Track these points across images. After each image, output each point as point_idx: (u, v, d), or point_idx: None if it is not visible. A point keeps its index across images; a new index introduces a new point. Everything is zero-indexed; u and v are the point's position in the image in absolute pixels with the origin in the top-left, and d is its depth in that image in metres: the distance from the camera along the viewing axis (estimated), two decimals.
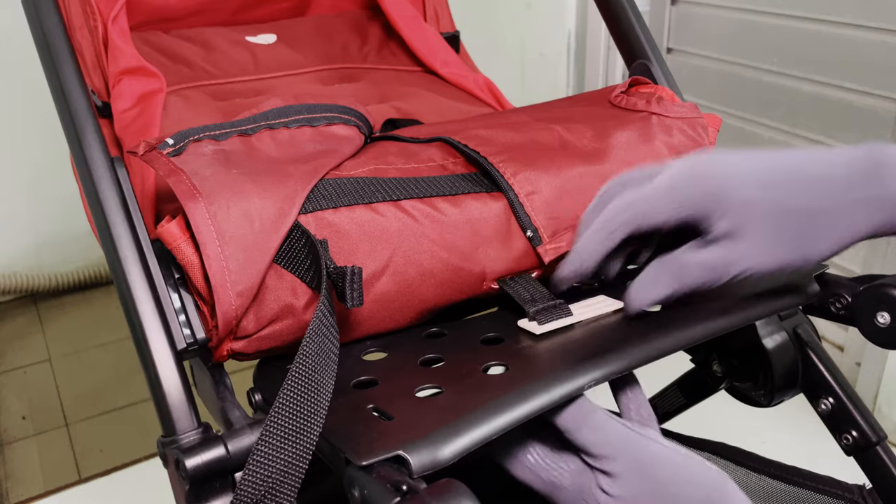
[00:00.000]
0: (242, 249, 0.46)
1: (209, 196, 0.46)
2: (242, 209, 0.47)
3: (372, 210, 0.51)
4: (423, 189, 0.53)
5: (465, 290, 0.55)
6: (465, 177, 0.55)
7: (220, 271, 0.46)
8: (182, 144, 0.50)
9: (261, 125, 0.54)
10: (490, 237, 0.54)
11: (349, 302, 0.46)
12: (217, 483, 0.44)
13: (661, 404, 0.83)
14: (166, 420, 0.47)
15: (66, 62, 0.54)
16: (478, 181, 0.55)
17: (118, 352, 1.65)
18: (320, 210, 0.50)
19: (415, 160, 0.56)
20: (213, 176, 0.48)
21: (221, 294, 0.46)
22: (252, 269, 0.47)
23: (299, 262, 0.48)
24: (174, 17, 0.85)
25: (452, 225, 0.53)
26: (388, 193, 0.52)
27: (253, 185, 0.48)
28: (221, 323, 0.47)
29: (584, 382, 0.46)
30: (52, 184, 1.78)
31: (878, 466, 0.64)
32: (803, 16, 1.39)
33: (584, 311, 0.54)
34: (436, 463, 0.40)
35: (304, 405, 0.41)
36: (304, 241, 0.48)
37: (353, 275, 0.46)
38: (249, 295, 0.47)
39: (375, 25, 0.93)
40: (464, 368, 0.49)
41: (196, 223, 0.46)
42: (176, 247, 0.47)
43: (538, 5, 2.02)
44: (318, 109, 0.57)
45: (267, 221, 0.47)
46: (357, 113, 0.59)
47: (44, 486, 1.29)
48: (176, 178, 0.47)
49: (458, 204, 0.54)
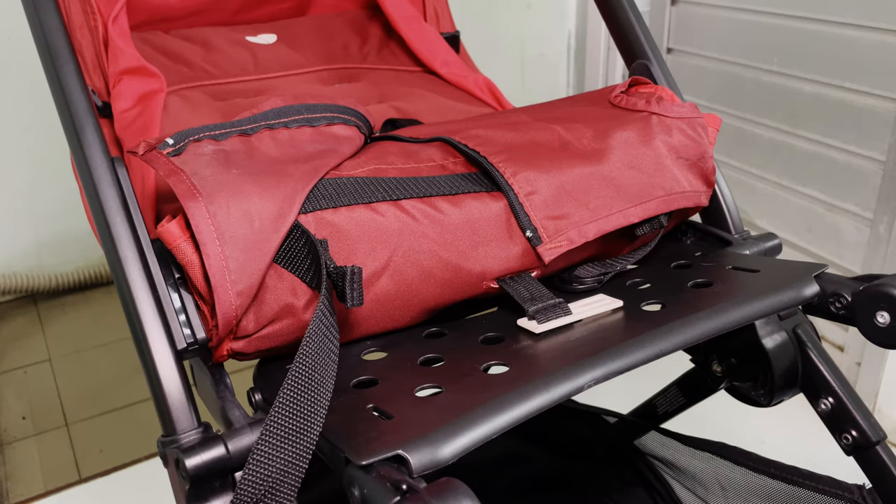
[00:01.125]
0: (242, 249, 0.46)
1: (209, 196, 0.46)
2: (242, 209, 0.47)
3: (372, 210, 0.51)
4: (422, 189, 0.53)
5: (465, 289, 0.55)
6: (464, 176, 0.55)
7: (220, 271, 0.46)
8: (182, 144, 0.50)
9: (261, 125, 0.54)
10: (489, 237, 0.54)
11: (349, 301, 0.46)
12: (217, 482, 0.44)
13: (662, 404, 0.83)
14: (166, 420, 0.47)
15: (67, 62, 0.54)
16: (478, 181, 0.55)
17: (118, 352, 1.65)
18: (320, 210, 0.50)
19: (414, 160, 0.56)
20: (212, 176, 0.48)
21: (221, 293, 0.46)
22: (252, 268, 0.47)
23: (299, 261, 0.48)
24: (174, 17, 0.85)
25: (452, 225, 0.53)
26: (388, 193, 0.52)
27: (253, 185, 0.48)
28: (221, 322, 0.47)
29: (584, 382, 0.46)
30: (52, 184, 1.78)
31: (878, 466, 0.64)
32: (803, 16, 1.39)
33: (583, 309, 0.54)
34: (435, 462, 0.40)
35: (304, 404, 0.41)
36: (303, 240, 0.48)
37: (353, 274, 0.46)
38: (249, 294, 0.47)
39: (375, 25, 0.93)
40: (464, 368, 0.49)
41: (196, 223, 0.46)
42: (176, 246, 0.47)
43: (538, 5, 2.02)
44: (317, 109, 0.57)
45: (267, 221, 0.47)
46: (357, 113, 0.59)
47: (44, 486, 1.29)
48: (176, 178, 0.47)
49: (458, 204, 0.54)
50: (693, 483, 0.82)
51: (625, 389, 0.79)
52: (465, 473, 0.39)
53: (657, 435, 0.85)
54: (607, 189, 0.57)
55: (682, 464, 0.82)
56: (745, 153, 1.50)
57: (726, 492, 0.77)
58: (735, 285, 0.57)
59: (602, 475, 0.90)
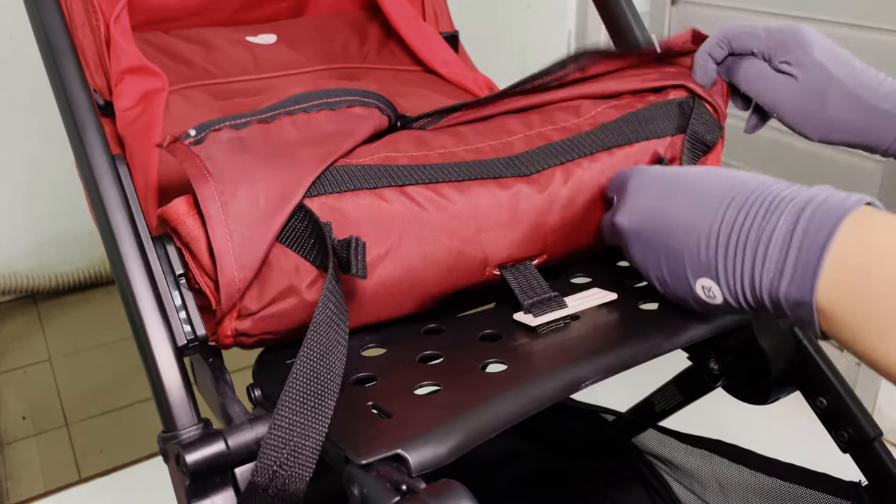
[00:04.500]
0: (246, 225, 0.47)
1: (218, 176, 0.48)
2: (249, 189, 0.48)
3: (376, 195, 0.52)
4: (429, 175, 0.54)
5: (468, 276, 0.55)
6: (472, 164, 0.55)
7: (224, 243, 0.47)
8: (203, 134, 0.51)
9: (279, 112, 0.55)
10: (494, 223, 0.55)
11: (354, 270, 0.47)
12: (217, 478, 0.45)
13: (659, 402, 0.83)
14: (167, 416, 0.47)
15: (68, 61, 0.55)
16: (485, 168, 0.55)
17: (118, 352, 1.65)
18: (325, 194, 0.51)
19: (426, 147, 0.56)
20: (225, 160, 0.49)
21: (225, 265, 0.47)
22: (255, 243, 0.48)
23: (303, 241, 0.49)
24: (174, 18, 0.86)
25: (457, 210, 0.53)
26: (394, 179, 0.52)
27: (262, 169, 0.49)
28: (224, 295, 0.48)
29: (583, 380, 0.46)
30: (52, 184, 1.78)
31: (874, 463, 0.64)
32: (803, 16, 1.40)
33: (578, 303, 0.55)
34: (435, 462, 0.40)
35: (317, 376, 0.42)
36: (307, 221, 0.49)
37: (357, 245, 0.47)
38: (252, 268, 0.48)
39: (375, 25, 0.93)
40: (462, 365, 0.49)
41: (203, 199, 0.47)
42: (181, 222, 0.48)
43: (538, 5, 2.02)
44: (337, 94, 0.58)
45: (272, 201, 0.48)
46: (378, 95, 0.60)
47: (44, 486, 1.29)
48: (190, 161, 0.49)
49: (464, 190, 0.54)
50: (691, 481, 0.82)
51: (622, 387, 0.79)
52: (462, 471, 0.39)
53: (655, 433, 0.86)
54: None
55: (679, 462, 0.83)
56: (746, 153, 1.50)
57: (724, 490, 0.78)
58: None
59: (600, 473, 0.90)
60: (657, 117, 0.61)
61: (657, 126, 0.61)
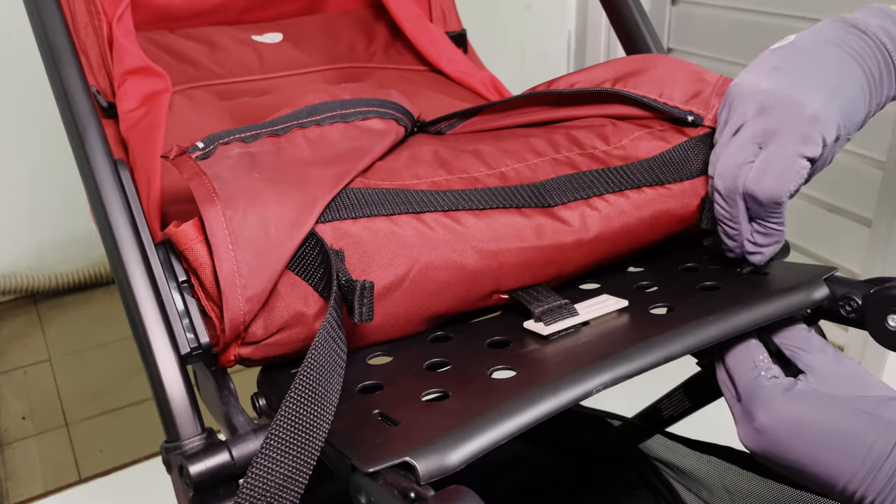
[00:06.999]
0: (255, 254, 0.46)
1: (227, 200, 0.46)
2: (259, 215, 0.46)
3: (391, 222, 0.50)
4: (448, 202, 0.52)
5: (476, 302, 0.54)
6: (495, 191, 0.54)
7: (230, 275, 0.45)
8: (211, 147, 0.49)
9: (292, 125, 0.53)
10: (512, 256, 0.53)
11: (357, 317, 0.45)
12: (221, 489, 0.44)
13: (667, 407, 0.82)
14: (170, 425, 0.46)
15: (69, 62, 0.54)
16: (508, 197, 0.54)
17: (118, 352, 1.64)
18: (339, 220, 0.49)
19: (447, 170, 0.54)
20: (233, 180, 0.47)
21: (230, 298, 0.45)
22: (263, 274, 0.46)
23: (312, 270, 0.48)
24: (180, 17, 0.85)
25: (475, 240, 0.52)
26: (411, 206, 0.51)
27: (272, 192, 0.47)
28: (229, 327, 0.46)
29: (593, 387, 0.46)
30: (52, 184, 1.78)
31: None
32: (803, 16, 1.39)
33: (589, 310, 0.54)
34: (443, 469, 0.39)
35: (307, 416, 0.40)
36: (317, 249, 0.47)
37: (364, 289, 0.45)
38: (259, 300, 0.46)
39: (382, 25, 0.92)
40: (470, 372, 0.49)
41: (210, 226, 0.45)
42: (189, 248, 0.47)
43: (538, 5, 2.01)
44: (352, 104, 0.55)
45: (282, 228, 0.47)
46: (395, 105, 0.58)
47: (44, 486, 1.28)
48: (197, 181, 0.47)
49: (484, 218, 0.52)
50: (698, 487, 0.81)
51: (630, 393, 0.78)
52: (469, 476, 0.38)
53: (662, 438, 0.85)
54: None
55: (687, 468, 0.82)
56: None
57: (732, 496, 0.77)
58: (744, 288, 0.56)
59: (607, 479, 0.89)
60: (689, 159, 0.59)
61: (688, 168, 0.59)
